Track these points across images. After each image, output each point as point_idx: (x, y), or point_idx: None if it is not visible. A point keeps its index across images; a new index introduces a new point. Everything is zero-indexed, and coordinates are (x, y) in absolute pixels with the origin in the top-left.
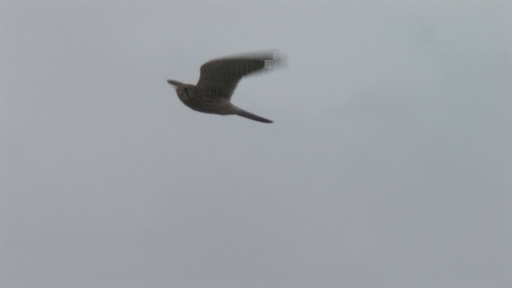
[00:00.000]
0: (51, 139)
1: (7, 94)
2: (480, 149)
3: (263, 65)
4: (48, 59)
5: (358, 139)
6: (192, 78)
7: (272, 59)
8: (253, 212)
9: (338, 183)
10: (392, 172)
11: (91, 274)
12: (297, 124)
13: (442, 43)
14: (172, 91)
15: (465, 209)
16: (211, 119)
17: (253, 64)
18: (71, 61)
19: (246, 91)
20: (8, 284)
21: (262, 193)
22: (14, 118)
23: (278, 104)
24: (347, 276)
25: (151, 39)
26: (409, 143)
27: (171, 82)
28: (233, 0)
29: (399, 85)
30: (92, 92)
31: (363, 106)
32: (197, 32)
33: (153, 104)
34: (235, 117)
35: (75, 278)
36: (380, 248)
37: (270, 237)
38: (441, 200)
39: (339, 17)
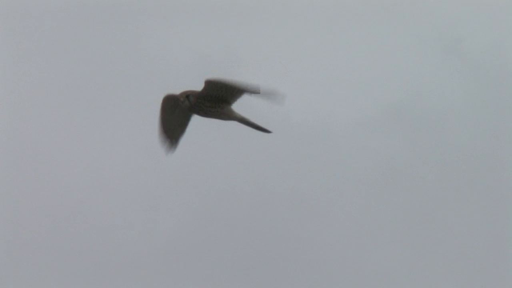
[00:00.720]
0: (77, 147)
1: (30, 100)
2: (510, 161)
3: (256, 94)
4: (74, 67)
5: (386, 150)
6: None
7: (259, 93)
8: (280, 222)
9: (366, 194)
10: (419, 183)
11: (117, 284)
12: (325, 135)
13: (469, 54)
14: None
15: (494, 221)
16: (240, 129)
17: (247, 93)
18: (98, 69)
19: (273, 101)
20: None
21: (289, 203)
22: (38, 126)
23: (306, 114)
24: (374, 286)
25: (178, 47)
26: (437, 155)
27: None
28: (261, 8)
29: (427, 97)
30: (119, 100)
31: (391, 117)
32: (225, 40)
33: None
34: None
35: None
36: (408, 260)
37: (298, 247)
38: (470, 212)
39: (367, 28)
